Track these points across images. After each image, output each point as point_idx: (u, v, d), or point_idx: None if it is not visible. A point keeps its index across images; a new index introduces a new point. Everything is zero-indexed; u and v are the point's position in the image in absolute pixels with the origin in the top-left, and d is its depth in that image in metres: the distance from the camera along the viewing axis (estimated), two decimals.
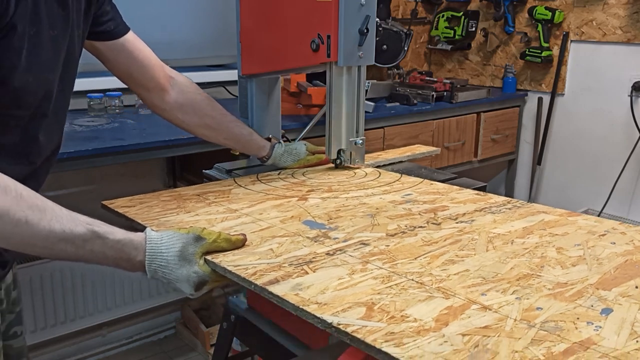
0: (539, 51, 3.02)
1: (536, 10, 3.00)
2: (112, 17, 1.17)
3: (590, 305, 0.79)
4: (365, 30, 1.32)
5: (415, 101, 2.71)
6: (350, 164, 1.50)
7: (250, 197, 1.30)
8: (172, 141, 1.88)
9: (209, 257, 0.94)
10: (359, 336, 0.71)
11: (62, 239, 0.83)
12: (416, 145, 1.90)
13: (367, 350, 0.70)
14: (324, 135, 1.47)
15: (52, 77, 0.97)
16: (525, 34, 3.12)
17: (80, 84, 2.31)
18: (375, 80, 2.85)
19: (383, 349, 0.68)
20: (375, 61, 1.41)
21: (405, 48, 2.91)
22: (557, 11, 2.95)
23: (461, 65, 3.46)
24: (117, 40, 1.20)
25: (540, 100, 3.16)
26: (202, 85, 2.68)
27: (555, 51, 3.03)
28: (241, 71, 1.59)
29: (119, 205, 1.23)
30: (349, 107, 1.43)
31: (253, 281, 0.87)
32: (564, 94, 3.08)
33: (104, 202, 1.25)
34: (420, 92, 2.80)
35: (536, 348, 0.68)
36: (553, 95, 3.08)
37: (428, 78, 3.03)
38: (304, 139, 1.70)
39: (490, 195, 1.32)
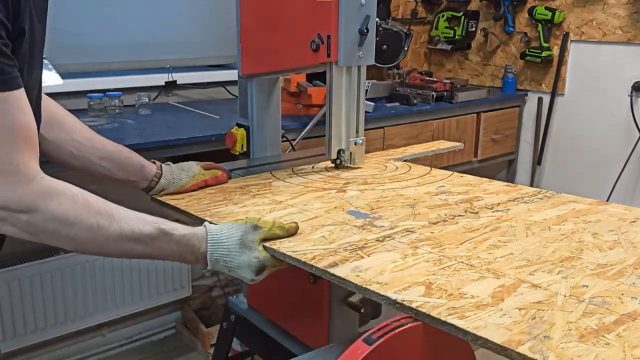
0: (539, 51, 3.02)
1: (536, 10, 3.00)
2: None
3: (632, 283, 0.84)
4: (365, 30, 1.31)
5: (415, 101, 2.71)
6: (350, 163, 1.50)
7: (291, 190, 1.36)
8: (172, 141, 1.88)
9: (267, 244, 1.00)
10: (423, 310, 0.76)
11: (132, 239, 0.89)
12: (440, 141, 1.92)
13: (432, 323, 0.75)
14: (324, 135, 1.47)
15: (40, 75, 0.95)
16: (525, 34, 3.12)
17: (80, 84, 2.33)
18: (375, 80, 2.85)
19: (449, 321, 0.73)
20: (375, 61, 1.41)
21: (405, 48, 2.91)
22: (557, 11, 2.95)
23: (461, 65, 3.46)
24: None
25: (540, 100, 3.16)
26: (202, 85, 2.70)
27: (555, 51, 3.03)
28: (241, 71, 1.59)
29: (169, 198, 1.28)
30: (349, 107, 1.43)
31: (314, 264, 0.92)
32: (564, 94, 3.08)
33: (154, 196, 1.29)
34: (420, 92, 2.80)
35: (588, 319, 0.74)
36: (553, 95, 3.08)
37: (428, 78, 3.03)
38: (304, 139, 1.71)
39: (520, 186, 1.37)
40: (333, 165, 1.51)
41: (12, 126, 0.82)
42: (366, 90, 2.47)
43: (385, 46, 2.83)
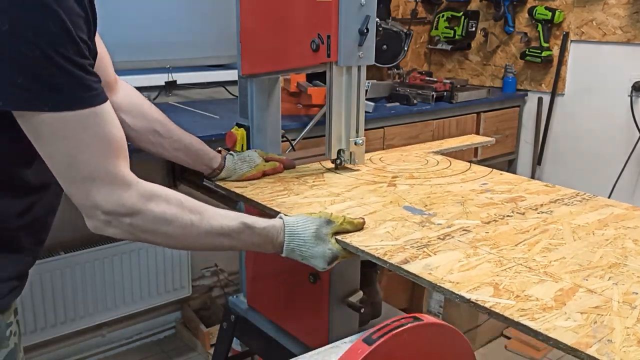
0: (539, 51, 3.02)
1: (536, 10, 3.00)
2: None
3: None
4: (365, 30, 1.31)
5: (415, 101, 2.71)
6: (350, 163, 1.50)
7: (343, 182, 1.43)
8: None
9: (338, 237, 1.08)
10: (496, 310, 0.82)
11: (221, 234, 1.00)
12: (472, 135, 1.95)
13: (505, 322, 0.81)
14: (324, 135, 1.47)
15: None
16: (525, 34, 3.12)
17: None
18: (375, 80, 2.85)
19: (521, 322, 0.79)
20: (375, 61, 1.41)
21: (405, 48, 2.91)
22: (557, 11, 2.95)
23: (461, 65, 3.46)
24: None
25: (540, 100, 3.16)
26: (202, 85, 2.70)
27: (555, 51, 3.03)
28: (241, 71, 1.59)
29: (233, 185, 1.38)
30: (349, 107, 1.43)
31: (387, 260, 0.99)
32: (564, 94, 3.08)
33: (217, 182, 1.40)
34: (420, 92, 2.80)
35: None
36: (553, 95, 3.08)
37: (428, 78, 3.03)
38: (304, 139, 1.71)
39: (557, 187, 1.42)
40: (333, 165, 1.51)
41: (106, 138, 0.88)
42: (366, 90, 2.47)
43: (385, 46, 2.83)
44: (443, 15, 3.35)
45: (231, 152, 1.45)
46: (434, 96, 2.77)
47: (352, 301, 1.31)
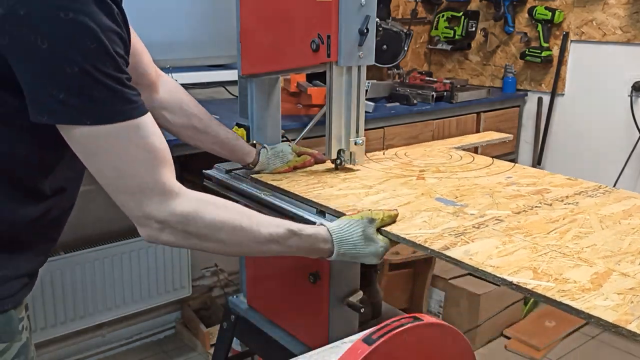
0: (539, 51, 3.02)
1: (536, 10, 3.00)
2: None
3: None
4: (365, 30, 1.31)
5: (415, 101, 2.71)
6: (350, 164, 1.49)
7: (374, 175, 1.48)
8: (172, 141, 1.85)
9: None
10: (538, 291, 0.88)
11: (270, 240, 1.02)
12: (490, 132, 1.98)
13: (547, 302, 0.86)
14: (324, 135, 1.47)
15: None
16: (525, 34, 3.12)
17: None
18: (375, 80, 2.85)
19: (563, 302, 0.85)
20: (375, 61, 1.41)
21: (405, 48, 2.90)
22: (557, 11, 2.95)
23: (461, 65, 3.46)
24: None
25: (540, 100, 3.16)
26: (202, 85, 2.70)
27: (555, 51, 3.03)
28: (241, 71, 1.59)
29: (269, 179, 1.43)
30: (349, 107, 1.43)
31: (428, 247, 1.04)
32: (564, 94, 3.08)
33: (253, 175, 1.45)
34: (420, 92, 2.80)
35: None
36: (553, 95, 3.08)
37: (428, 78, 3.03)
38: (304, 139, 1.70)
39: (580, 180, 1.48)
40: (333, 165, 1.51)
41: (150, 149, 0.90)
42: (366, 90, 2.47)
43: (385, 46, 2.82)
44: (443, 15, 3.35)
45: (265, 146, 1.49)
46: (434, 96, 2.77)
47: (352, 301, 1.31)
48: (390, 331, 0.77)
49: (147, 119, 0.90)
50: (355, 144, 1.47)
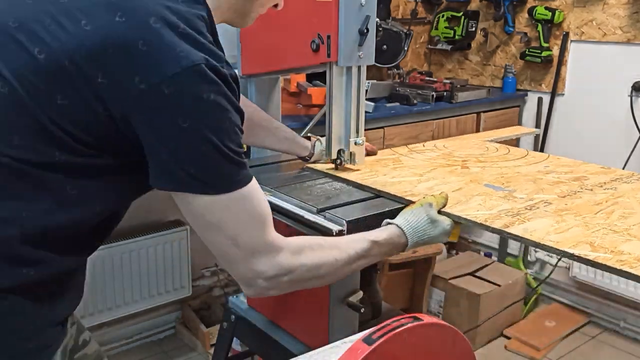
0: (539, 51, 3.02)
1: (536, 10, 3.00)
2: None
3: None
4: (365, 30, 1.32)
5: (415, 101, 2.71)
6: (350, 163, 1.49)
7: (421, 165, 1.56)
8: None
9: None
10: (599, 261, 0.96)
11: (357, 259, 1.08)
12: (518, 127, 2.04)
13: (608, 271, 0.96)
14: (324, 135, 1.47)
15: None
16: (525, 34, 3.12)
17: None
18: (375, 80, 2.85)
19: (624, 269, 0.93)
20: (375, 61, 1.41)
21: (405, 48, 2.91)
22: (557, 11, 2.95)
23: (461, 65, 3.46)
24: None
25: (540, 100, 3.16)
26: None
27: (555, 51, 3.03)
28: (241, 71, 1.59)
29: (324, 168, 1.50)
30: (349, 107, 1.43)
31: (489, 225, 1.12)
32: (564, 94, 3.08)
33: (308, 165, 1.53)
34: (420, 92, 2.80)
35: None
36: (553, 95, 3.08)
37: (428, 78, 3.03)
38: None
39: (613, 168, 1.56)
40: (333, 165, 1.51)
41: (260, 213, 0.95)
42: (366, 90, 2.47)
43: (385, 46, 2.83)
44: (443, 15, 3.35)
45: (319, 138, 1.55)
46: (434, 96, 2.77)
47: (352, 301, 1.31)
48: (390, 331, 0.77)
49: (255, 184, 0.95)
50: (355, 144, 1.47)
